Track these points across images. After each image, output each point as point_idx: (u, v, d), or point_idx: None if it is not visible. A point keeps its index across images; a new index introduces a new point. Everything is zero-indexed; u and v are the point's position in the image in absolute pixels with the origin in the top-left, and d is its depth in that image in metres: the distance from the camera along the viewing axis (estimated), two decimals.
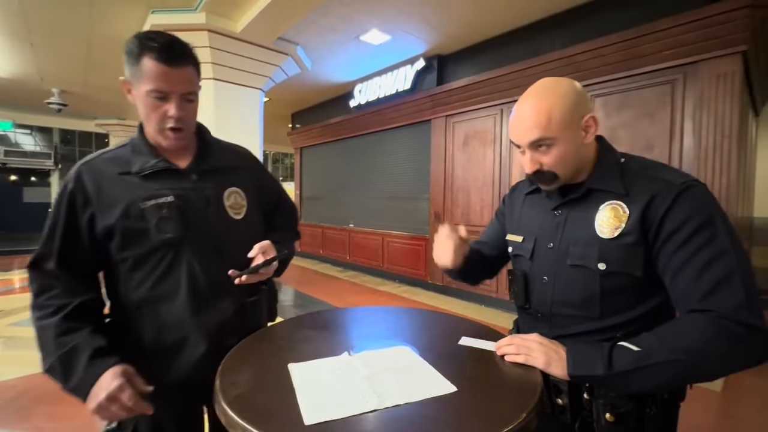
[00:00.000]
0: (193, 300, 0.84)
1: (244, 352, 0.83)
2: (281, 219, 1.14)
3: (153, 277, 0.83)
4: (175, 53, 0.79)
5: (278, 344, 0.88)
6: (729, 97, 2.71)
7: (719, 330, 0.63)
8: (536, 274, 0.89)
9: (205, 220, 0.88)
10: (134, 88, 0.82)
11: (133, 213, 0.81)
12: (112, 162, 0.85)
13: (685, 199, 0.70)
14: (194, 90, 0.84)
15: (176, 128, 0.82)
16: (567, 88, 0.77)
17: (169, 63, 0.78)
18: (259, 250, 0.92)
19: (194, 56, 0.86)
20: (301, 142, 7.75)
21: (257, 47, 4.29)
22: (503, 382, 0.72)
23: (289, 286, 5.41)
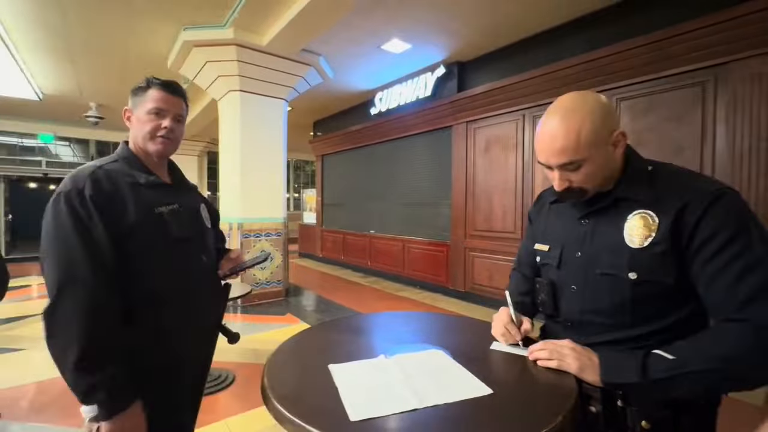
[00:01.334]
0: (198, 284, 1.05)
1: (285, 353, 0.87)
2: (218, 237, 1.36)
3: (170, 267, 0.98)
4: (174, 88, 1.05)
5: (317, 347, 0.92)
6: (764, 98, 2.62)
7: (757, 340, 0.63)
8: (564, 282, 0.89)
9: (198, 225, 1.10)
10: (134, 112, 1.02)
11: (152, 215, 0.96)
12: (117, 173, 0.96)
13: (717, 208, 0.70)
14: (183, 114, 1.07)
15: (166, 137, 1.01)
16: (594, 105, 0.76)
17: (169, 92, 1.02)
18: (236, 253, 1.25)
19: (186, 97, 1.10)
20: (322, 150, 7.90)
21: (282, 59, 4.44)
22: (538, 386, 0.74)
23: (311, 291, 5.50)
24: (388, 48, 4.51)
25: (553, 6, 3.54)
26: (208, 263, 1.10)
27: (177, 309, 0.97)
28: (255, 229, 4.68)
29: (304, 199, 9.58)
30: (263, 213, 4.76)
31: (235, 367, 2.81)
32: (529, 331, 0.91)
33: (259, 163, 4.70)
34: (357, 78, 5.63)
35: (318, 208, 8.15)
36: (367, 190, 6.70)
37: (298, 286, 5.70)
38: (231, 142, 4.62)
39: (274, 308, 4.54)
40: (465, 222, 4.83)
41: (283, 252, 4.93)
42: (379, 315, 1.27)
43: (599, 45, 3.49)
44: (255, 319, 4.14)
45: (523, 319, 0.92)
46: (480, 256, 4.64)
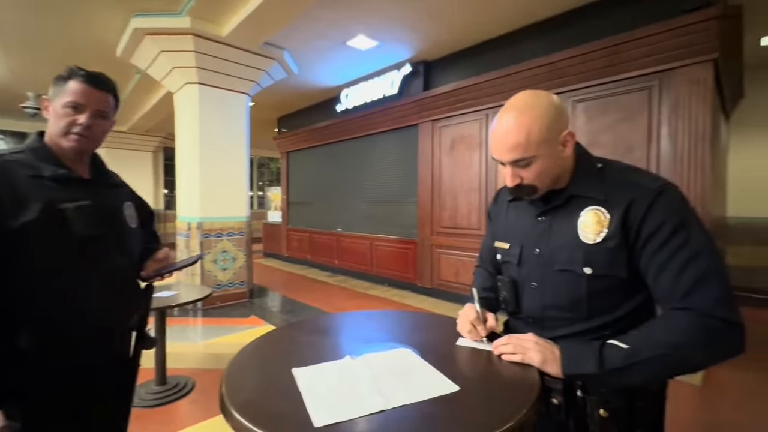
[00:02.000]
0: (107, 285, 0.98)
1: (246, 358, 0.83)
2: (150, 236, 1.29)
3: (70, 267, 0.91)
4: (98, 81, 0.96)
5: (280, 350, 0.88)
6: (702, 102, 2.84)
7: (700, 326, 0.67)
8: (525, 279, 0.91)
9: (115, 223, 1.04)
10: (52, 103, 0.95)
11: (53, 212, 0.88)
12: (17, 164, 0.89)
13: (661, 203, 0.74)
14: (107, 110, 0.99)
15: (81, 134, 0.93)
16: (545, 105, 0.79)
17: (91, 85, 0.94)
18: (164, 254, 1.17)
19: (116, 90, 1.02)
20: (287, 147, 7.71)
21: (243, 52, 4.27)
22: (503, 379, 0.75)
23: (276, 292, 5.35)
24: (354, 44, 4.47)
25: (515, 10, 3.65)
26: (124, 264, 1.04)
27: (75, 311, 0.91)
28: (216, 229, 4.49)
29: (268, 197, 9.32)
30: (225, 212, 4.57)
31: (194, 374, 2.68)
32: (494, 327, 0.92)
33: (220, 159, 4.51)
34: (323, 74, 5.53)
35: (283, 206, 7.96)
36: (334, 188, 6.62)
37: (262, 287, 5.53)
38: (189, 137, 4.39)
39: (237, 310, 4.38)
40: (431, 220, 4.89)
41: (246, 252, 4.76)
42: (346, 314, 1.24)
43: (557, 49, 3.64)
44: (217, 322, 3.97)
45: (488, 315, 0.93)
46: (446, 253, 4.72)
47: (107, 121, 1.00)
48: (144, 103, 6.99)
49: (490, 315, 0.94)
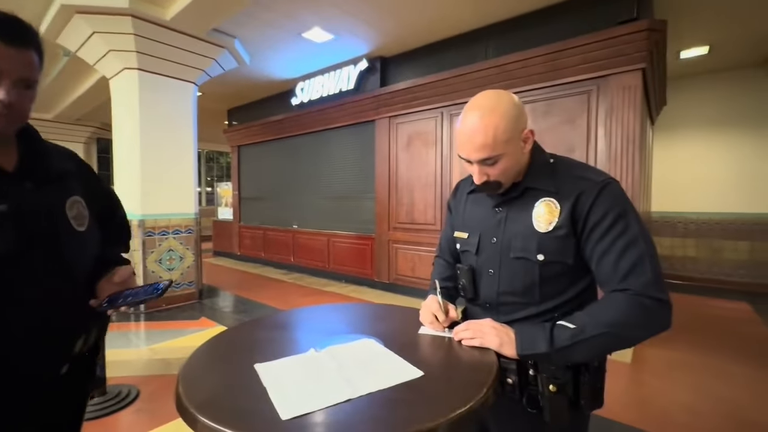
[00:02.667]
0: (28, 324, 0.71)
1: (203, 357, 0.79)
2: (115, 232, 1.00)
3: None
4: (16, 33, 0.68)
5: (240, 347, 0.85)
6: (632, 107, 3.13)
7: (635, 304, 0.75)
8: (483, 267, 0.96)
9: (49, 233, 0.74)
10: None
11: None
12: None
13: (605, 195, 0.82)
14: (33, 77, 0.71)
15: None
16: (508, 105, 0.83)
17: (6, 42, 0.66)
18: (124, 275, 0.84)
19: (38, 41, 0.73)
20: (238, 140, 7.38)
21: (190, 38, 4.01)
22: (463, 363, 0.78)
23: (228, 291, 5.13)
24: (310, 37, 4.37)
25: (467, 12, 3.78)
26: (59, 287, 0.75)
27: None
28: (161, 227, 4.20)
29: (218, 193, 8.87)
30: (170, 208, 4.28)
31: (138, 381, 2.49)
32: (455, 318, 0.96)
33: (165, 152, 4.21)
34: (276, 65, 5.36)
35: (235, 202, 7.62)
36: (290, 184, 6.45)
37: (213, 287, 5.28)
38: (128, 128, 4.05)
39: (185, 312, 4.14)
40: (389, 215, 4.94)
41: (195, 251, 4.50)
42: (307, 309, 1.23)
43: (507, 51, 3.82)
44: (163, 325, 3.73)
45: (449, 306, 0.97)
46: (403, 248, 4.80)
47: (32, 90, 0.72)
48: (73, 88, 6.33)
49: (451, 306, 0.98)
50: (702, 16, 3.78)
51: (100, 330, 0.89)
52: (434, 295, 0.97)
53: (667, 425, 2.05)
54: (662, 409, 2.22)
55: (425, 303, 0.98)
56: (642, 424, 2.06)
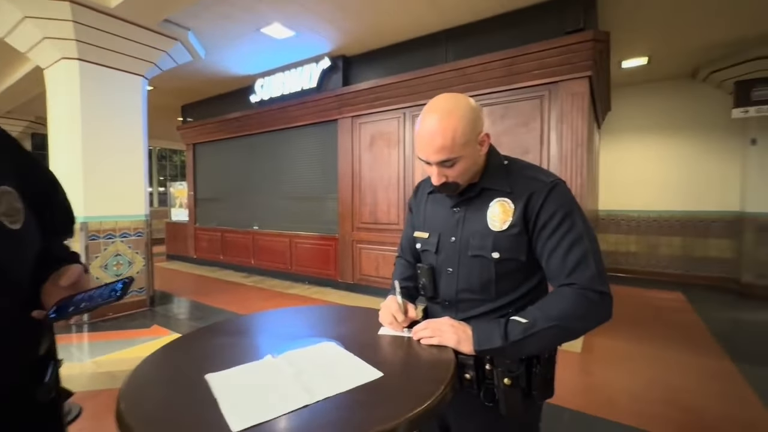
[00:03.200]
0: None
1: (149, 369, 0.74)
2: (55, 218, 0.83)
3: None
4: None
5: (191, 356, 0.81)
6: (580, 112, 3.34)
7: (581, 298, 0.80)
8: (442, 266, 0.99)
9: None
10: None
11: None
12: None
13: (554, 195, 0.87)
14: None
15: None
16: (466, 109, 0.86)
17: None
18: (72, 277, 0.70)
19: None
20: (194, 138, 7.03)
21: (138, 28, 3.76)
22: (422, 362, 0.79)
23: (184, 297, 4.87)
24: (269, 32, 4.25)
25: (428, 14, 3.84)
26: None
27: None
28: (106, 230, 3.90)
29: (172, 193, 8.39)
30: (118, 210, 4.00)
31: (81, 398, 2.30)
32: (415, 318, 0.97)
33: (111, 149, 3.92)
34: (234, 61, 5.16)
35: (190, 203, 7.25)
36: (250, 184, 6.24)
37: (166, 293, 4.99)
38: (68, 123, 3.72)
39: (135, 321, 3.88)
40: (352, 215, 4.92)
41: (145, 255, 4.23)
42: (266, 313, 1.19)
43: (466, 55, 3.93)
44: (109, 336, 3.47)
45: (408, 306, 0.98)
46: (367, 248, 4.80)
47: None
48: (2, 78, 5.73)
49: (411, 306, 0.99)
50: (641, 30, 4.10)
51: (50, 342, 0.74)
52: (394, 296, 0.98)
53: (612, 410, 2.20)
54: (608, 395, 2.38)
55: (384, 303, 0.99)
56: (590, 409, 2.20)
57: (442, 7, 3.69)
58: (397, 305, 0.95)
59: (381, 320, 0.97)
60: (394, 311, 0.94)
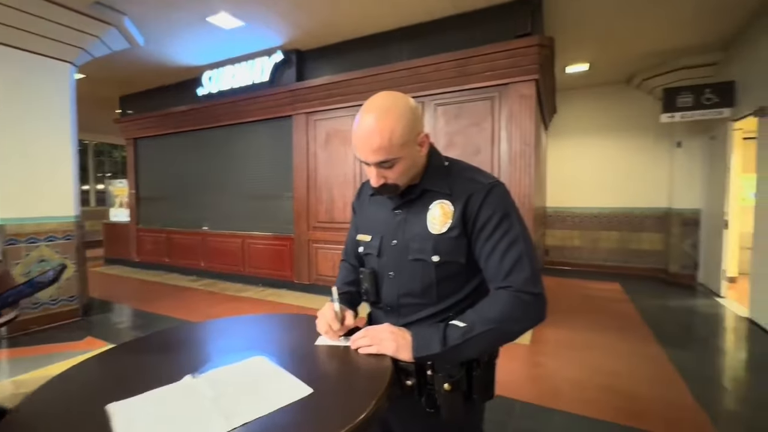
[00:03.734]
0: None
1: (39, 402, 0.64)
2: None
3: None
4: None
5: (96, 381, 0.71)
6: (528, 114, 3.47)
7: (516, 300, 0.80)
8: (384, 270, 0.96)
9: None
10: None
11: None
12: None
13: (491, 197, 0.87)
14: None
15: None
16: (403, 109, 0.83)
17: None
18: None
19: None
20: (135, 132, 6.52)
21: (65, 9, 3.39)
22: (358, 373, 0.76)
23: (124, 304, 4.51)
24: (216, 22, 4.02)
25: (382, 11, 3.81)
26: None
27: None
28: (28, 233, 3.50)
29: (111, 192, 7.75)
30: (42, 210, 3.60)
31: None
32: (352, 326, 0.93)
33: (32, 143, 3.52)
34: (178, 50, 4.83)
35: (132, 202, 6.72)
36: (198, 182, 5.90)
37: (104, 301, 4.59)
38: None
39: (65, 333, 3.52)
40: (308, 214, 4.80)
41: (76, 259, 3.85)
42: (198, 325, 1.10)
43: (420, 54, 3.95)
44: (33, 350, 3.12)
45: (347, 313, 0.94)
46: (323, 247, 4.71)
47: None
48: None
49: (349, 313, 0.95)
50: (583, 38, 4.34)
51: None
52: (331, 303, 0.94)
53: (557, 399, 2.31)
54: (553, 384, 2.50)
55: (321, 312, 0.94)
56: (537, 400, 2.29)
57: (397, 5, 3.68)
58: (334, 313, 0.91)
59: (318, 329, 0.93)
60: (330, 320, 0.90)
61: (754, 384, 2.53)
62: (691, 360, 2.86)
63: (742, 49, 4.24)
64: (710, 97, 4.45)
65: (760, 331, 3.43)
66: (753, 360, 2.91)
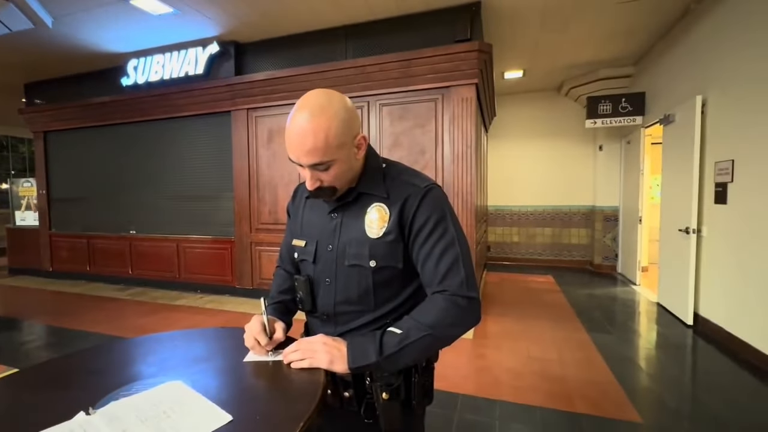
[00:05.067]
0: None
1: None
2: None
3: None
4: None
5: None
6: (469, 116, 3.60)
7: (451, 304, 0.79)
8: (320, 277, 0.92)
9: None
10: None
11: None
12: None
13: (427, 200, 0.85)
14: None
15: None
16: (339, 107, 0.78)
17: None
18: None
19: None
20: (45, 125, 5.75)
21: None
22: (286, 392, 0.70)
23: (34, 321, 3.96)
24: (141, 5, 3.66)
25: (326, 6, 3.72)
26: None
27: None
28: None
29: (15, 192, 6.79)
30: None
31: None
32: (281, 340, 0.88)
33: None
34: (96, 34, 4.34)
35: (42, 204, 5.94)
36: (123, 181, 5.36)
37: (8, 318, 4.01)
38: None
39: None
40: (250, 215, 4.57)
41: None
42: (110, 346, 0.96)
43: (366, 54, 3.93)
44: None
45: (276, 326, 0.89)
46: (267, 250, 4.51)
47: None
48: None
49: (279, 325, 0.90)
50: (516, 47, 4.60)
51: None
52: (259, 316, 0.87)
53: (497, 389, 2.42)
54: (494, 376, 2.61)
55: (248, 325, 0.87)
56: (479, 392, 2.38)
57: (339, 1, 3.61)
58: (261, 327, 0.85)
59: (246, 344, 0.86)
60: (256, 334, 0.84)
61: (663, 361, 2.85)
62: (611, 343, 3.15)
63: (649, 64, 4.78)
64: (625, 106, 4.95)
65: (667, 314, 3.89)
66: (661, 340, 3.29)
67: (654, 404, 2.26)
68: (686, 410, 2.19)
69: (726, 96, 3.15)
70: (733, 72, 3.06)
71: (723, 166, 3.13)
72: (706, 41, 3.45)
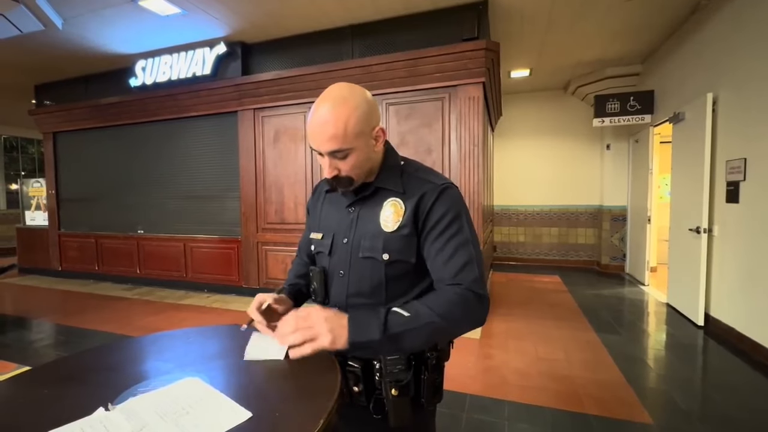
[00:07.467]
0: None
1: None
2: None
3: None
4: None
5: None
6: (476, 115, 3.58)
7: (462, 297, 0.79)
8: (334, 269, 0.94)
9: None
10: None
11: None
12: None
13: (443, 198, 0.86)
14: None
15: None
16: (360, 100, 0.82)
17: None
18: None
19: None
20: (54, 126, 5.82)
21: None
22: (301, 390, 0.70)
23: (42, 320, 4.01)
24: (150, 6, 3.69)
25: (333, 6, 3.73)
26: None
27: None
28: None
29: (25, 192, 6.87)
30: None
31: None
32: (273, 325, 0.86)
33: None
34: (105, 36, 4.37)
35: (51, 204, 6.00)
36: (131, 181, 5.40)
37: (18, 317, 4.06)
38: None
39: None
40: (256, 215, 4.59)
41: None
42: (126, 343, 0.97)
43: (372, 53, 3.93)
44: None
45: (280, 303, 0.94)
46: (274, 249, 4.53)
47: None
48: None
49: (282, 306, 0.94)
50: (523, 46, 4.58)
51: None
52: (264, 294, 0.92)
53: (505, 389, 2.40)
54: (502, 375, 2.60)
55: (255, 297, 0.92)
56: (487, 392, 2.37)
57: (346, 0, 3.62)
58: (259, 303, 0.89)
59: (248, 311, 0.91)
60: (254, 305, 0.89)
61: (673, 361, 2.82)
62: (620, 343, 3.12)
63: (657, 62, 4.73)
64: (634, 105, 4.91)
65: (676, 314, 3.85)
66: (671, 341, 3.25)
67: (665, 405, 2.23)
68: (697, 411, 2.17)
69: (737, 93, 3.11)
70: (744, 69, 3.02)
71: (735, 165, 3.09)
72: (717, 38, 3.41)
